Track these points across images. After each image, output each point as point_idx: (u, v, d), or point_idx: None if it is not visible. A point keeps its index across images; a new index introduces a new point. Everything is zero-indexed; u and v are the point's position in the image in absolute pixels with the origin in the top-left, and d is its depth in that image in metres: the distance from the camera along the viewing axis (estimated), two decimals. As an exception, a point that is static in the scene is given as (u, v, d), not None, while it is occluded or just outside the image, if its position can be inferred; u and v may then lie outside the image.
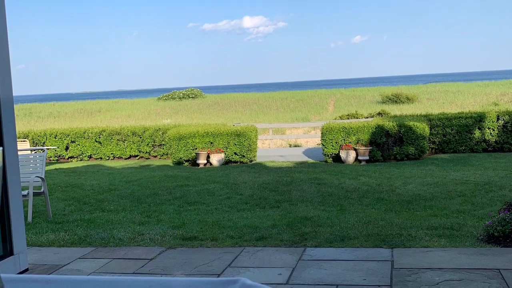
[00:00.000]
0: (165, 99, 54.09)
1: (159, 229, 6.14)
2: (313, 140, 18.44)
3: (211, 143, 13.34)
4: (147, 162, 14.73)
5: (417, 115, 14.68)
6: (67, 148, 16.09)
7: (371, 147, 12.49)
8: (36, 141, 16.14)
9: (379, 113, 21.84)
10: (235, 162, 13.46)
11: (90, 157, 15.95)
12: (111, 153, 15.71)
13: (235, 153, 13.32)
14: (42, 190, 7.17)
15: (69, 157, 16.10)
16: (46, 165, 13.25)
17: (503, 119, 13.39)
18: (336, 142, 12.72)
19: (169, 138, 13.81)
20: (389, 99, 37.86)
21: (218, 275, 4.46)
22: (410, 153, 12.56)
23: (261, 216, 6.83)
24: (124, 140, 15.63)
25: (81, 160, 15.92)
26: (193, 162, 13.47)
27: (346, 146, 12.55)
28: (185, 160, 13.61)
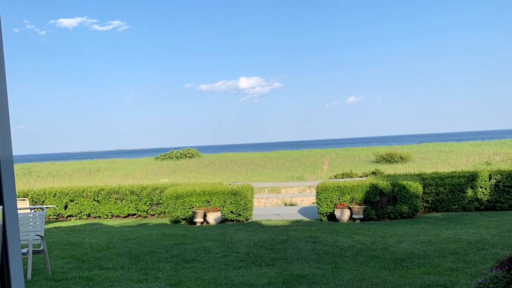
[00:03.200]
0: (163, 158, 54.58)
1: (157, 287, 6.23)
2: (308, 199, 18.60)
3: (208, 202, 13.51)
4: (144, 221, 14.80)
5: (410, 174, 14.90)
6: (66, 207, 16.19)
7: (365, 206, 12.67)
8: (36, 200, 16.27)
9: (373, 172, 22.13)
10: (232, 220, 13.57)
11: (88, 215, 16.03)
12: (110, 212, 15.81)
13: (231, 212, 13.46)
14: (41, 248, 7.27)
15: (68, 216, 16.17)
16: (46, 224, 13.35)
17: (495, 178, 13.64)
18: (331, 201, 12.91)
19: (166, 197, 13.97)
20: (383, 158, 38.38)
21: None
22: (404, 211, 12.73)
23: (257, 273, 6.93)
24: (122, 199, 15.78)
25: (79, 218, 15.99)
26: (190, 221, 13.58)
27: (341, 205, 12.73)
28: (182, 219, 13.72)
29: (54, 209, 16.05)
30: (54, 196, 16.25)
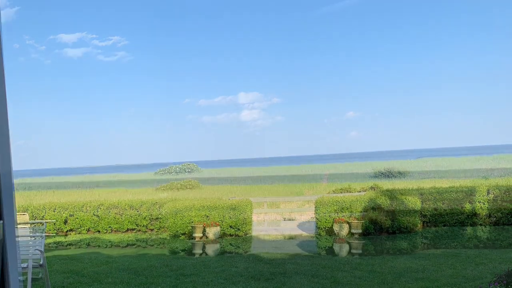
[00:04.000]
0: (162, 173, 54.64)
1: (157, 300, 6.26)
2: (307, 214, 18.60)
3: (207, 216, 13.55)
4: (144, 235, 14.81)
5: (408, 189, 14.94)
6: (65, 222, 16.18)
7: (363, 220, 12.71)
8: (36, 214, 16.26)
9: (371, 187, 22.16)
10: (231, 235, 13.59)
11: (88, 230, 16.02)
12: (109, 226, 15.81)
13: (230, 226, 13.49)
14: (41, 262, 7.30)
15: (67, 230, 16.15)
16: (45, 238, 13.31)
17: (493, 193, 13.70)
18: (329, 216, 12.96)
19: (165, 211, 14.01)
20: (382, 173, 38.42)
21: None
22: (402, 226, 12.77)
23: None
24: (122, 213, 15.80)
25: (79, 233, 15.97)
26: (190, 235, 13.59)
27: (339, 219, 12.77)
28: (181, 233, 13.74)
29: (54, 223, 16.04)
30: (54, 211, 16.26)
